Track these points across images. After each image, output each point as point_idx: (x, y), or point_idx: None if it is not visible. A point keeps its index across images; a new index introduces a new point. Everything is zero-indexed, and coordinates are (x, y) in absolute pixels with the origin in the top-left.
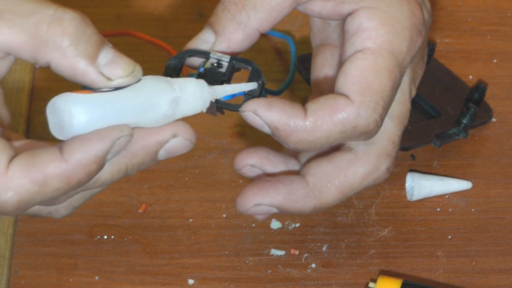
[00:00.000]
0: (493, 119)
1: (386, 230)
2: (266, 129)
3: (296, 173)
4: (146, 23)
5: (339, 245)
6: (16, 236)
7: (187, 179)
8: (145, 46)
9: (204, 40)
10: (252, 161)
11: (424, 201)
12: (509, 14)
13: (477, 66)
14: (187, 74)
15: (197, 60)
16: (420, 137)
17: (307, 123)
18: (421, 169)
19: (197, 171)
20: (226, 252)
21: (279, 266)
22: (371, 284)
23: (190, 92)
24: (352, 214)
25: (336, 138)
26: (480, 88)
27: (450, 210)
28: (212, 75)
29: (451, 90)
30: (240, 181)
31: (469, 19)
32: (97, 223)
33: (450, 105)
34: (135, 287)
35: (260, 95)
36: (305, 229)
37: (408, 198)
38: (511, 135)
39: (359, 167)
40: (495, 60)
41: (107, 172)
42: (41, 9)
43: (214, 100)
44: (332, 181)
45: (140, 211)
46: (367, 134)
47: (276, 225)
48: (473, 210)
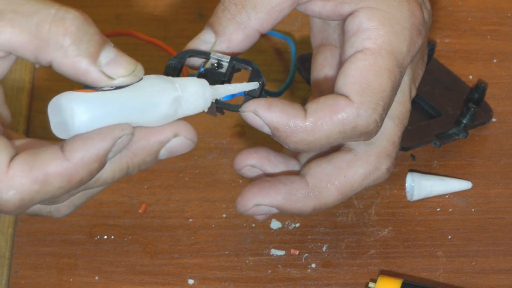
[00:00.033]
0: (493, 119)
1: (386, 230)
2: (266, 129)
3: (296, 173)
4: (146, 23)
5: (339, 245)
6: (16, 236)
7: (187, 179)
8: (145, 46)
9: (204, 41)
10: (252, 161)
11: (424, 201)
12: (509, 14)
13: (477, 66)
14: (187, 74)
15: (197, 61)
16: (420, 137)
17: (307, 124)
18: (421, 169)
19: (197, 171)
20: (226, 252)
21: (279, 266)
22: (371, 284)
23: (192, 91)
24: (352, 214)
25: (336, 139)
26: (480, 88)
27: (450, 210)
28: (212, 76)
29: (451, 90)
30: (240, 181)
31: (469, 19)
32: (97, 223)
33: (450, 105)
34: (135, 287)
35: (260, 95)
36: (305, 229)
37: (408, 198)
38: (511, 135)
39: (359, 168)
40: (495, 60)
41: (108, 171)
42: (43, 8)
43: (214, 101)
44: (332, 182)
45: (140, 211)
46: (367, 135)
47: (276, 225)
48: (473, 210)
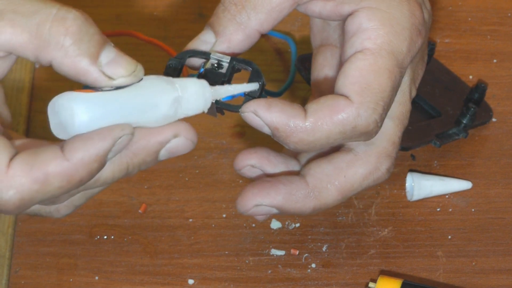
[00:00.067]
0: (493, 119)
1: (386, 230)
2: (266, 129)
3: (296, 173)
4: (146, 23)
5: (339, 245)
6: (16, 236)
7: (187, 179)
8: (145, 46)
9: (204, 41)
10: (252, 162)
11: (424, 201)
12: (509, 14)
13: (477, 66)
14: (188, 75)
15: (197, 61)
16: (420, 137)
17: (307, 124)
18: (421, 169)
19: (197, 171)
20: (226, 252)
21: (279, 266)
22: (371, 284)
23: (192, 91)
24: (352, 214)
25: (336, 139)
26: (480, 88)
27: (450, 210)
28: (212, 76)
29: (451, 90)
30: (240, 181)
31: (469, 19)
32: (97, 223)
33: (450, 105)
34: (135, 287)
35: (261, 95)
36: (305, 229)
37: (408, 198)
38: (511, 135)
39: (359, 168)
40: (495, 60)
41: (108, 171)
42: (43, 8)
43: (214, 101)
44: (332, 182)
45: (140, 211)
46: (367, 135)
47: (276, 225)
48: (473, 210)
